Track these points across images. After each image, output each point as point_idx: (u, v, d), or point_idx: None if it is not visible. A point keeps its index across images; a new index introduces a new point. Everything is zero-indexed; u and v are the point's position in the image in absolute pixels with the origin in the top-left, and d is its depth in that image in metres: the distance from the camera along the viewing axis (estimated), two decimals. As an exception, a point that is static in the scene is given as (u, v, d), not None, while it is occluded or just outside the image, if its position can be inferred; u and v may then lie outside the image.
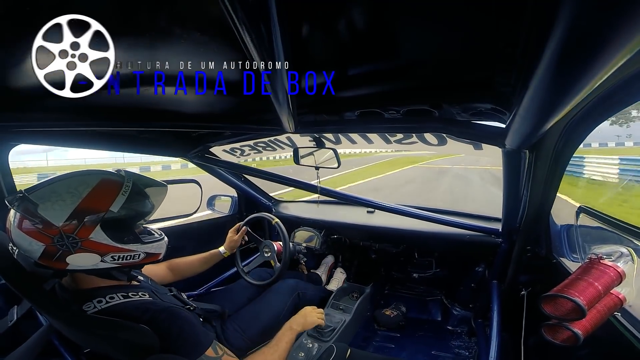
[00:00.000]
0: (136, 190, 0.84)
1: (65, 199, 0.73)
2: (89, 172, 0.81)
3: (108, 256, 0.79)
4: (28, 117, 0.84)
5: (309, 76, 0.73)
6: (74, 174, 0.79)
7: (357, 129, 1.03)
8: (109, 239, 0.78)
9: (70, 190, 0.74)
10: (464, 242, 1.56)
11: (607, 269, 0.73)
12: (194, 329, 0.85)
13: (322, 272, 1.95)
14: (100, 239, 0.77)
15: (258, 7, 0.40)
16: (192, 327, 0.85)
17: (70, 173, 0.80)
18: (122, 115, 0.90)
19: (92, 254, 0.76)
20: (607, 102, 0.62)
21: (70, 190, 0.74)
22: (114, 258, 0.80)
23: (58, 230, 0.71)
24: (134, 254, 0.84)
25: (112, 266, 0.81)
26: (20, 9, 0.43)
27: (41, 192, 0.73)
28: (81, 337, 0.79)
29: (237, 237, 1.52)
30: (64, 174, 0.79)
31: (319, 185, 1.54)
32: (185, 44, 0.56)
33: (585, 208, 1.02)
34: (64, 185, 0.75)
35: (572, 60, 0.33)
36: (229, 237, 1.51)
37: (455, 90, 0.72)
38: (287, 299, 1.44)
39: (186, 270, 1.35)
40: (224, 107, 0.94)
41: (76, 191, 0.74)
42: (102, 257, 0.78)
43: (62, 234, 0.72)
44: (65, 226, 0.72)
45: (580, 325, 0.74)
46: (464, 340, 1.67)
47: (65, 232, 0.72)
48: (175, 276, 1.31)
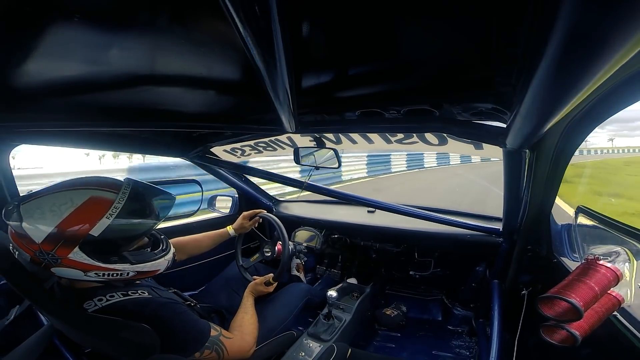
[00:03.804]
0: (130, 209, 0.78)
1: (47, 217, 0.71)
2: (81, 186, 0.77)
3: (91, 272, 0.76)
4: (28, 117, 0.84)
5: (310, 76, 0.73)
6: (66, 186, 0.76)
7: (357, 129, 1.03)
8: (89, 259, 0.75)
9: (53, 209, 0.71)
10: (464, 241, 1.56)
11: (604, 270, 0.73)
12: (195, 321, 0.88)
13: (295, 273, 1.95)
14: (80, 259, 0.74)
15: (258, 6, 0.39)
16: (193, 319, 0.88)
17: (64, 183, 0.77)
18: (122, 115, 0.90)
19: (74, 270, 0.75)
20: (607, 102, 0.62)
21: (54, 208, 0.72)
22: (97, 274, 0.77)
23: (38, 247, 0.71)
24: (121, 272, 0.80)
25: (98, 280, 0.79)
26: (20, 9, 0.43)
27: (29, 205, 0.72)
28: (82, 336, 0.79)
29: (249, 224, 1.52)
30: (59, 184, 0.77)
31: (305, 182, 1.56)
32: (185, 43, 0.56)
33: (583, 208, 1.02)
34: (49, 200, 0.73)
35: (573, 60, 0.33)
36: (242, 219, 1.51)
37: (456, 90, 0.72)
38: (297, 302, 1.45)
39: (193, 248, 1.37)
40: (224, 107, 0.94)
41: (59, 210, 0.71)
42: (86, 273, 0.76)
43: (41, 250, 0.71)
44: (44, 244, 0.71)
45: (578, 326, 0.74)
46: (464, 340, 1.67)
47: (44, 250, 0.71)
48: (183, 255, 1.31)
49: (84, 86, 0.71)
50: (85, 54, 0.57)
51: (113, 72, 0.65)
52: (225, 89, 0.80)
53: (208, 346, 0.87)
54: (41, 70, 0.61)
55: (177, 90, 0.79)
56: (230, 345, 0.93)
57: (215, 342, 0.89)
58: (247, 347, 0.99)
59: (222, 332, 0.94)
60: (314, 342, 1.32)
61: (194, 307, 1.06)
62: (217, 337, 0.90)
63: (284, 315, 1.34)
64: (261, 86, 0.61)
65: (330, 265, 2.11)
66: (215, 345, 0.88)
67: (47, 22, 0.46)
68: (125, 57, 0.60)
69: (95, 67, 0.62)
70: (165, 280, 1.14)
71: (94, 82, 0.69)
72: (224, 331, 0.95)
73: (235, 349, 0.94)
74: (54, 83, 0.68)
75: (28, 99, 0.74)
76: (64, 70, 0.63)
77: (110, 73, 0.65)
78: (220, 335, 0.92)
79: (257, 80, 0.58)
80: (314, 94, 0.81)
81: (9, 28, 0.47)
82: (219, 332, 0.92)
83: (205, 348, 0.86)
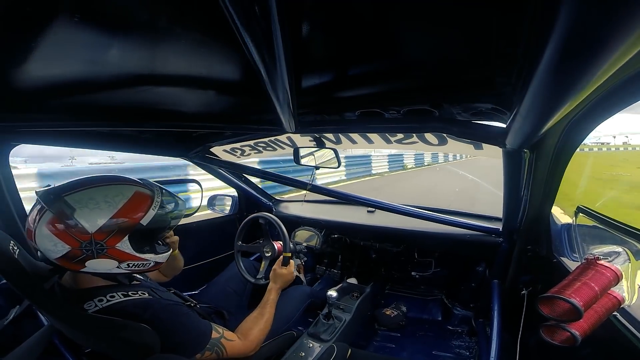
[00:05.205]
0: (163, 205, 0.87)
1: (102, 207, 0.75)
2: (123, 181, 0.84)
3: (124, 263, 0.81)
4: (28, 117, 0.84)
5: (310, 76, 0.73)
6: (109, 180, 0.81)
7: (357, 129, 1.03)
8: (131, 249, 0.81)
9: (107, 200, 0.76)
10: (464, 241, 1.56)
11: (604, 270, 0.73)
12: (195, 322, 0.89)
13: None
14: (124, 248, 0.79)
15: (258, 6, 0.40)
16: (194, 320, 0.89)
17: (102, 178, 0.81)
18: (122, 115, 0.90)
19: (111, 260, 0.79)
20: (607, 102, 0.62)
21: (108, 199, 0.76)
22: (129, 265, 0.82)
23: (89, 236, 0.73)
24: (146, 263, 0.86)
25: (124, 272, 0.83)
26: (20, 9, 0.43)
27: (77, 195, 0.74)
28: (82, 336, 0.79)
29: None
30: (95, 178, 0.81)
31: (310, 183, 1.55)
32: (185, 43, 0.56)
33: (583, 208, 1.02)
34: (100, 192, 0.77)
35: (572, 60, 0.33)
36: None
37: (456, 90, 0.72)
38: (300, 305, 1.45)
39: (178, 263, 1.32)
40: (224, 107, 0.94)
41: (113, 201, 0.77)
42: (119, 264, 0.80)
43: (92, 240, 0.74)
44: (98, 233, 0.74)
45: (578, 326, 0.74)
46: (464, 340, 1.67)
47: (95, 239, 0.74)
48: (168, 274, 1.29)
49: (84, 86, 0.71)
50: (85, 54, 0.57)
51: (113, 72, 0.65)
52: (225, 89, 0.80)
53: (209, 348, 0.87)
54: (41, 70, 0.61)
55: (177, 90, 0.79)
56: (231, 347, 0.94)
57: (216, 344, 0.89)
58: (248, 351, 1.00)
59: (225, 334, 0.94)
60: (314, 342, 1.32)
61: (193, 307, 1.06)
62: (218, 340, 0.90)
63: (286, 318, 1.34)
64: (261, 86, 0.61)
65: (330, 265, 2.11)
66: (215, 347, 0.89)
67: (47, 22, 0.46)
68: (125, 57, 0.60)
69: (95, 67, 0.62)
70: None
71: (94, 82, 0.69)
72: (227, 333, 0.95)
73: (235, 351, 0.95)
74: (54, 83, 0.68)
75: (28, 99, 0.74)
76: (64, 70, 0.63)
77: (110, 73, 0.65)
78: (222, 337, 0.92)
79: (257, 81, 0.58)
80: (314, 94, 0.82)
81: (10, 28, 0.47)
82: (221, 335, 0.92)
83: (206, 350, 0.87)
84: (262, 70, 0.53)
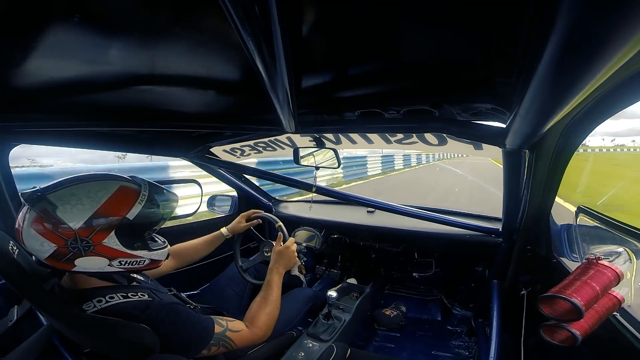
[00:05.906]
0: (151, 199, 0.85)
1: (85, 203, 0.74)
2: (108, 177, 0.82)
3: (116, 261, 0.80)
4: (28, 117, 0.84)
5: (309, 76, 0.73)
6: (93, 177, 0.80)
7: (357, 129, 1.03)
8: (120, 245, 0.79)
9: (89, 195, 0.75)
10: (464, 241, 1.56)
11: (605, 270, 0.73)
12: (196, 320, 0.88)
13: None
14: (112, 245, 0.78)
15: (258, 6, 0.40)
16: (194, 319, 0.88)
17: (87, 176, 0.80)
18: (122, 115, 0.90)
19: (101, 258, 0.78)
20: (607, 102, 0.62)
21: (90, 195, 0.75)
22: (121, 263, 0.81)
23: (73, 233, 0.72)
24: (140, 260, 0.85)
25: (117, 270, 0.82)
26: (20, 9, 0.43)
27: (59, 193, 0.73)
28: (81, 336, 0.79)
29: (244, 225, 1.49)
30: (80, 176, 0.79)
31: (314, 184, 1.55)
32: (185, 43, 0.56)
33: (584, 208, 1.02)
34: (83, 189, 0.76)
35: (572, 60, 0.33)
36: (237, 220, 1.49)
37: (456, 90, 0.72)
38: (302, 307, 1.45)
39: (191, 254, 1.36)
40: (224, 107, 0.94)
41: (95, 196, 0.75)
42: (110, 262, 0.79)
43: (77, 237, 0.73)
44: (82, 230, 0.73)
45: (579, 326, 0.74)
46: (464, 340, 1.67)
47: (80, 236, 0.73)
48: (180, 262, 1.31)
49: (84, 86, 0.71)
50: (85, 54, 0.57)
51: (113, 72, 0.65)
52: (225, 89, 0.80)
53: (213, 343, 0.87)
54: (41, 70, 0.61)
55: (177, 90, 0.79)
56: (239, 338, 0.93)
57: (221, 338, 0.89)
58: (257, 338, 0.99)
59: (229, 325, 0.93)
60: (313, 342, 1.32)
61: (194, 308, 1.05)
62: (222, 333, 0.90)
63: (288, 321, 1.35)
64: (261, 86, 0.61)
65: (329, 265, 2.11)
66: (221, 341, 0.89)
67: (47, 22, 0.46)
68: (125, 57, 0.60)
69: (95, 67, 0.62)
70: (165, 281, 1.14)
71: (94, 82, 0.69)
72: (232, 324, 0.94)
73: (245, 341, 0.95)
74: (54, 83, 0.68)
75: (28, 99, 0.74)
76: (64, 70, 0.63)
77: (110, 73, 0.65)
78: (226, 330, 0.91)
79: (257, 81, 0.58)
80: (314, 94, 0.81)
81: (10, 28, 0.47)
82: (225, 327, 0.91)
83: (211, 345, 0.86)
84: (262, 70, 0.53)
